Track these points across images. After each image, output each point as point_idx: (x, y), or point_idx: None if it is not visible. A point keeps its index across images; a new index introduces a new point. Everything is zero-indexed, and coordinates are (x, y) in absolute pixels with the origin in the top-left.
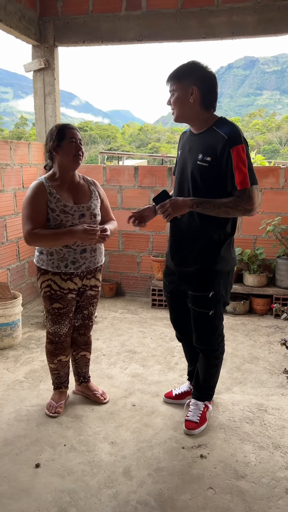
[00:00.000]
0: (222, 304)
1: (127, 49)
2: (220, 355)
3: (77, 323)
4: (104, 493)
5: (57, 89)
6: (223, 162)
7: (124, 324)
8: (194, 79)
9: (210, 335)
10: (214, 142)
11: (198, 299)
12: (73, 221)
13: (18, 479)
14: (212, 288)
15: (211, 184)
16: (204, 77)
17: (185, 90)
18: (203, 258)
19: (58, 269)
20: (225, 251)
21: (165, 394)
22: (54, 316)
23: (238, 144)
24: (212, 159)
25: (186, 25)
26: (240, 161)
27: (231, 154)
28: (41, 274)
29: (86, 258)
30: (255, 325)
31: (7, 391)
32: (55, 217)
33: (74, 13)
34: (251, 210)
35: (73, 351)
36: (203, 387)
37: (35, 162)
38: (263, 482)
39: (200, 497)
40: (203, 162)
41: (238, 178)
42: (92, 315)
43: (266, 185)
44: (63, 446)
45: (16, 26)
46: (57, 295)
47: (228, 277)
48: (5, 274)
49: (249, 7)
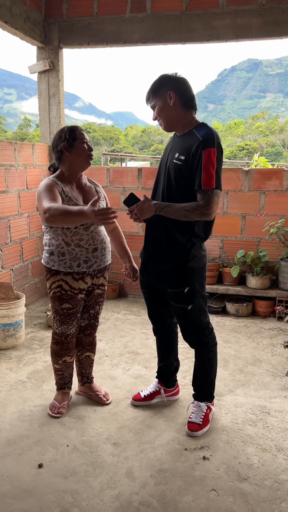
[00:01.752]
0: (200, 298)
1: (131, 51)
2: (212, 347)
3: (84, 323)
4: (106, 494)
5: (62, 91)
6: (195, 161)
7: (127, 325)
8: (168, 86)
9: (195, 329)
10: (191, 143)
11: (175, 295)
12: None
13: (21, 479)
14: (187, 284)
15: (183, 182)
16: (176, 82)
17: (164, 98)
18: (175, 257)
19: (70, 269)
20: (196, 250)
21: (132, 397)
22: (62, 317)
23: (211, 147)
24: (185, 158)
25: (190, 27)
26: (209, 162)
27: (203, 154)
28: (52, 275)
29: (97, 257)
30: (258, 328)
31: (10, 391)
32: None
33: (79, 15)
34: (207, 215)
35: (77, 351)
36: (202, 385)
37: (39, 163)
38: (266, 485)
39: (202, 499)
40: (178, 160)
41: (205, 178)
42: (98, 315)
43: (269, 188)
44: (65, 446)
45: (21, 27)
46: (67, 295)
47: (201, 272)
48: (8, 274)
49: (254, 10)
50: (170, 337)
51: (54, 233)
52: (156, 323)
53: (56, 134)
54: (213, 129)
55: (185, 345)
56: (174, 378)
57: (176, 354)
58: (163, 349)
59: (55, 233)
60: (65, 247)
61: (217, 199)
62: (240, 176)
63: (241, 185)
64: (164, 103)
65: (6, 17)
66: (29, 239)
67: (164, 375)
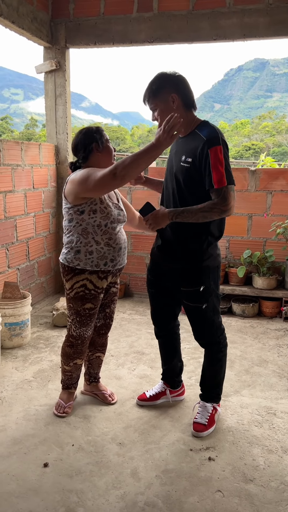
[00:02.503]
0: (214, 297)
1: (137, 50)
2: (223, 348)
3: (99, 323)
4: (112, 493)
5: (68, 91)
6: (202, 162)
7: (132, 325)
8: (169, 87)
9: (208, 329)
10: (195, 144)
11: (190, 294)
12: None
13: (26, 478)
14: (202, 283)
15: (193, 184)
16: (177, 82)
17: (166, 100)
18: (191, 256)
19: (97, 268)
20: (212, 249)
21: (138, 397)
22: (84, 318)
23: (216, 145)
24: (193, 160)
25: (197, 27)
26: (217, 161)
27: (209, 154)
28: (75, 274)
29: (121, 256)
30: (264, 328)
31: (16, 391)
32: (103, 209)
33: (85, 15)
34: (227, 211)
35: (88, 351)
36: (210, 386)
37: (46, 163)
38: (271, 486)
39: (208, 499)
40: (185, 163)
41: (216, 177)
42: (113, 314)
43: (276, 188)
44: (71, 446)
45: (28, 28)
46: (91, 294)
47: (216, 271)
48: (14, 274)
49: (261, 9)
50: (172, 339)
51: (84, 231)
52: (159, 324)
53: (82, 134)
54: (215, 127)
55: (191, 345)
56: (179, 379)
57: (179, 355)
58: (167, 352)
59: (84, 231)
60: (94, 246)
61: (233, 194)
62: (247, 176)
63: (248, 185)
64: (167, 107)
65: (13, 17)
66: (35, 239)
67: (169, 377)
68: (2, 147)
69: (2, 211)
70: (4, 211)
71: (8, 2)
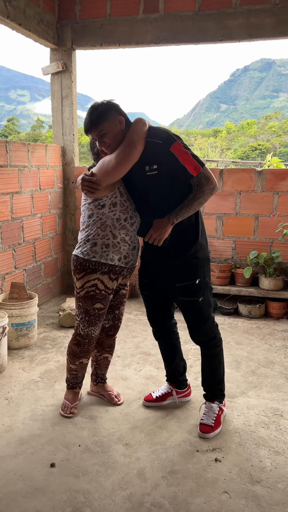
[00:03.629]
0: (208, 290)
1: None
2: (219, 342)
3: (108, 324)
4: (118, 494)
5: (74, 92)
6: (169, 163)
7: (138, 326)
8: (113, 112)
9: (203, 324)
10: (152, 151)
11: (185, 288)
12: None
13: (33, 478)
14: (198, 276)
15: (168, 188)
16: (116, 106)
17: (114, 123)
18: (185, 251)
19: (112, 262)
20: (202, 239)
21: (144, 397)
22: (92, 317)
23: (173, 142)
24: (158, 166)
25: (203, 28)
26: (182, 153)
27: (173, 152)
28: (87, 273)
29: (134, 255)
30: (270, 329)
31: (22, 391)
32: (123, 202)
33: (92, 16)
34: (215, 187)
35: (96, 352)
36: (211, 384)
37: (52, 164)
38: (278, 488)
39: (214, 501)
40: (152, 171)
41: (190, 167)
42: (122, 316)
43: (283, 188)
44: (77, 446)
45: (35, 29)
46: (101, 294)
47: (208, 263)
48: (21, 274)
49: (267, 9)
50: (171, 338)
51: (103, 224)
52: (156, 325)
53: None
54: (161, 128)
55: (196, 346)
56: (184, 379)
57: (181, 354)
58: (168, 352)
59: (103, 225)
60: (111, 239)
61: (209, 170)
62: (253, 177)
63: (254, 185)
64: (115, 129)
65: (20, 19)
66: (42, 240)
67: (173, 377)
68: (9, 148)
69: (9, 212)
70: (11, 212)
71: (15, 5)
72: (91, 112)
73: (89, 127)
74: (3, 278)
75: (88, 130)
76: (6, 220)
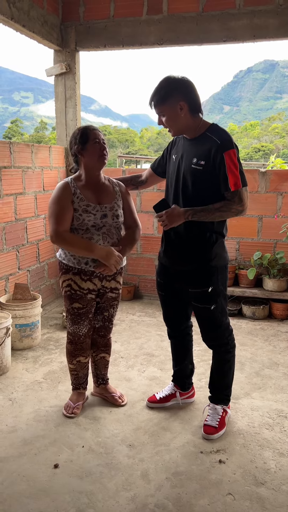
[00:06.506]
0: (222, 298)
1: (147, 52)
2: (231, 349)
3: (97, 325)
4: (122, 495)
5: (78, 93)
6: (216, 165)
7: (142, 327)
8: (178, 95)
9: (216, 330)
10: (207, 146)
11: (198, 295)
12: (95, 221)
13: (37, 479)
14: (211, 284)
15: (203, 186)
16: (185, 89)
17: (174, 108)
18: (198, 257)
19: (78, 266)
20: (218, 248)
21: (148, 398)
22: (73, 316)
23: (230, 149)
24: (206, 163)
25: (207, 29)
26: (232, 164)
27: (224, 158)
28: (62, 273)
29: None
30: (274, 330)
31: (26, 392)
32: (78, 216)
33: (95, 18)
34: (243, 211)
35: (92, 352)
36: (219, 388)
37: (56, 165)
38: (283, 490)
39: (218, 502)
40: (197, 165)
41: (232, 180)
42: (112, 318)
43: (286, 189)
44: (81, 447)
45: (38, 31)
46: (77, 295)
47: (224, 271)
48: (25, 275)
49: (271, 10)
50: (185, 341)
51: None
52: (172, 326)
53: (71, 136)
54: (226, 131)
55: (201, 347)
56: (189, 381)
57: (191, 357)
58: (179, 353)
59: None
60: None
61: (247, 194)
62: (257, 178)
63: (258, 186)
64: (175, 114)
65: (24, 21)
66: (46, 241)
67: (180, 378)
68: (13, 149)
69: (13, 213)
70: (14, 213)
71: (19, 6)
72: (156, 90)
73: (149, 103)
74: (7, 279)
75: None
76: (10, 221)
